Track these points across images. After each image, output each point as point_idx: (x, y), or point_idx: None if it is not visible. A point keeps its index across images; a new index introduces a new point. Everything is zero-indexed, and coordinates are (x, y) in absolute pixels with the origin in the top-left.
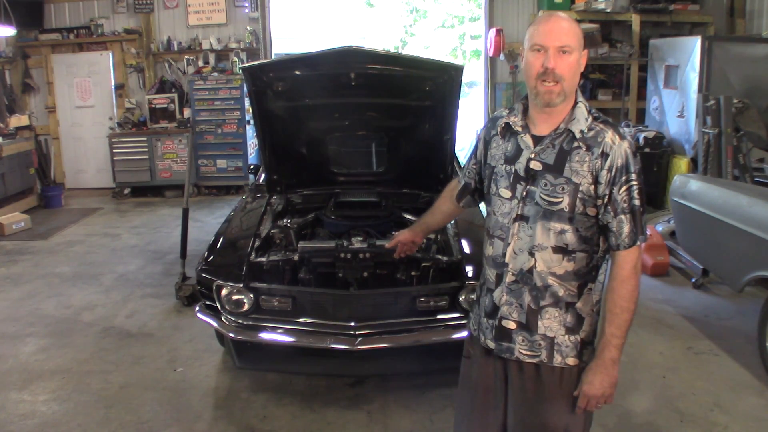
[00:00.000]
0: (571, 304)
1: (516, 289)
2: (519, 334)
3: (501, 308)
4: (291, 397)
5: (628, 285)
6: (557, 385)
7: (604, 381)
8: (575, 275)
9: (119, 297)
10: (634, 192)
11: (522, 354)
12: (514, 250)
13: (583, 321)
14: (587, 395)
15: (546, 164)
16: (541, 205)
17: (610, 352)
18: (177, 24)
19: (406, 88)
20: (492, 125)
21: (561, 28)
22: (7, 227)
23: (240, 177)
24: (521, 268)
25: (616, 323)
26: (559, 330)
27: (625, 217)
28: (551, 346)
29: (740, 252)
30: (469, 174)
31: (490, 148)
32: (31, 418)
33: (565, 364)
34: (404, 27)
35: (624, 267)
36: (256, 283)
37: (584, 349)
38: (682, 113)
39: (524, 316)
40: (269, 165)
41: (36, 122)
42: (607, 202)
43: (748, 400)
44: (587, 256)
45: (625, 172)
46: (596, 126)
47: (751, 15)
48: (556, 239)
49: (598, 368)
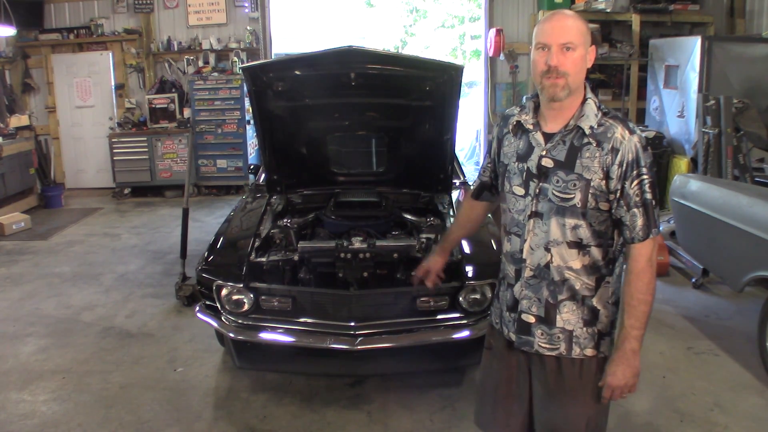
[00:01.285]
0: (588, 298)
1: (534, 284)
2: (538, 327)
3: (521, 302)
4: (291, 397)
5: (644, 277)
6: (577, 377)
7: (627, 372)
8: (592, 269)
9: (119, 297)
10: (646, 185)
11: (541, 347)
12: (530, 246)
13: (600, 313)
14: (611, 386)
15: (557, 161)
16: (554, 201)
17: (630, 344)
18: (177, 24)
19: (406, 88)
20: (504, 123)
21: (564, 25)
22: (7, 227)
23: (240, 177)
24: (538, 263)
25: (635, 315)
26: (577, 323)
27: (638, 210)
28: (570, 338)
29: (740, 252)
30: (485, 173)
31: (502, 146)
32: (31, 418)
33: (583, 356)
34: (404, 27)
35: (639, 260)
36: (256, 283)
37: (601, 340)
38: (682, 113)
39: (543, 310)
40: (269, 165)
41: (36, 122)
42: (619, 197)
43: (748, 400)
44: (602, 250)
45: (636, 167)
46: (606, 121)
47: (751, 15)
48: (570, 234)
49: (620, 360)
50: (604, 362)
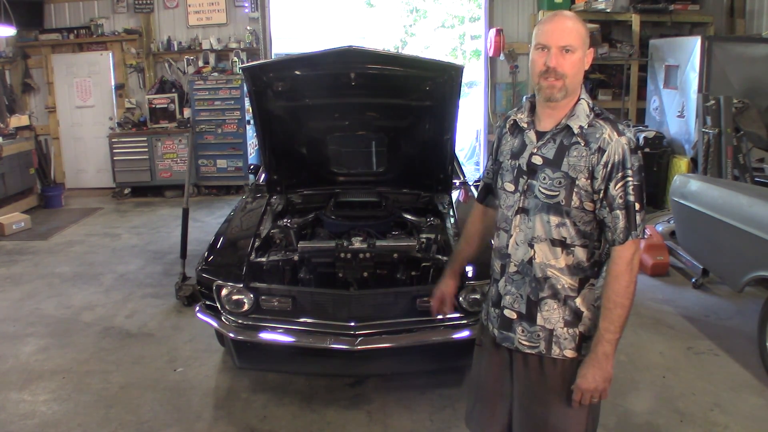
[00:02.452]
0: (570, 298)
1: (517, 279)
2: (519, 324)
3: (504, 298)
4: (291, 397)
5: (622, 280)
6: (559, 377)
7: (597, 375)
8: (576, 269)
9: (119, 297)
10: (630, 188)
11: (521, 344)
12: (515, 242)
13: (583, 315)
14: (581, 388)
15: (546, 159)
16: (540, 198)
17: (603, 347)
18: (177, 24)
19: (406, 88)
20: (504, 123)
21: (564, 27)
22: (7, 227)
23: (240, 177)
24: (522, 258)
25: (609, 318)
26: (558, 322)
27: (620, 212)
28: (550, 337)
29: (740, 252)
30: (488, 175)
31: (501, 146)
32: (31, 418)
33: (563, 356)
34: (404, 27)
35: (618, 262)
36: (256, 283)
37: (583, 343)
38: (682, 113)
39: (524, 306)
40: (269, 165)
41: (36, 122)
42: (602, 197)
43: (748, 400)
44: (587, 251)
45: (622, 168)
46: (597, 122)
47: (751, 15)
48: (554, 232)
49: (591, 362)
50: None
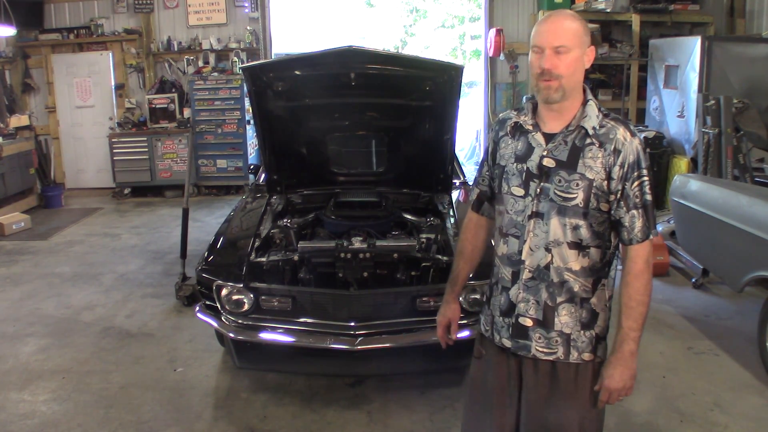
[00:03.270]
0: (585, 300)
1: (533, 285)
2: (536, 331)
3: (518, 305)
4: (291, 397)
5: (642, 279)
6: (572, 381)
7: (624, 374)
8: (590, 271)
9: (119, 297)
10: (646, 187)
11: (538, 351)
12: (530, 247)
13: (598, 316)
14: (609, 389)
15: (559, 161)
16: (556, 201)
17: (628, 345)
18: (177, 24)
19: (406, 88)
20: (500, 127)
21: (558, 28)
22: (7, 227)
23: (240, 177)
24: (538, 264)
25: (633, 317)
26: (575, 326)
27: (637, 212)
28: (567, 342)
29: (740, 252)
30: (483, 182)
31: (499, 149)
32: (31, 418)
33: (581, 360)
34: (404, 27)
35: (637, 261)
36: (256, 283)
37: (599, 344)
38: (682, 113)
39: (541, 312)
40: (269, 165)
41: (36, 122)
42: (619, 198)
43: (748, 400)
44: (600, 251)
45: (637, 168)
46: (607, 123)
47: (751, 15)
48: (571, 235)
49: (618, 362)
50: (600, 366)
